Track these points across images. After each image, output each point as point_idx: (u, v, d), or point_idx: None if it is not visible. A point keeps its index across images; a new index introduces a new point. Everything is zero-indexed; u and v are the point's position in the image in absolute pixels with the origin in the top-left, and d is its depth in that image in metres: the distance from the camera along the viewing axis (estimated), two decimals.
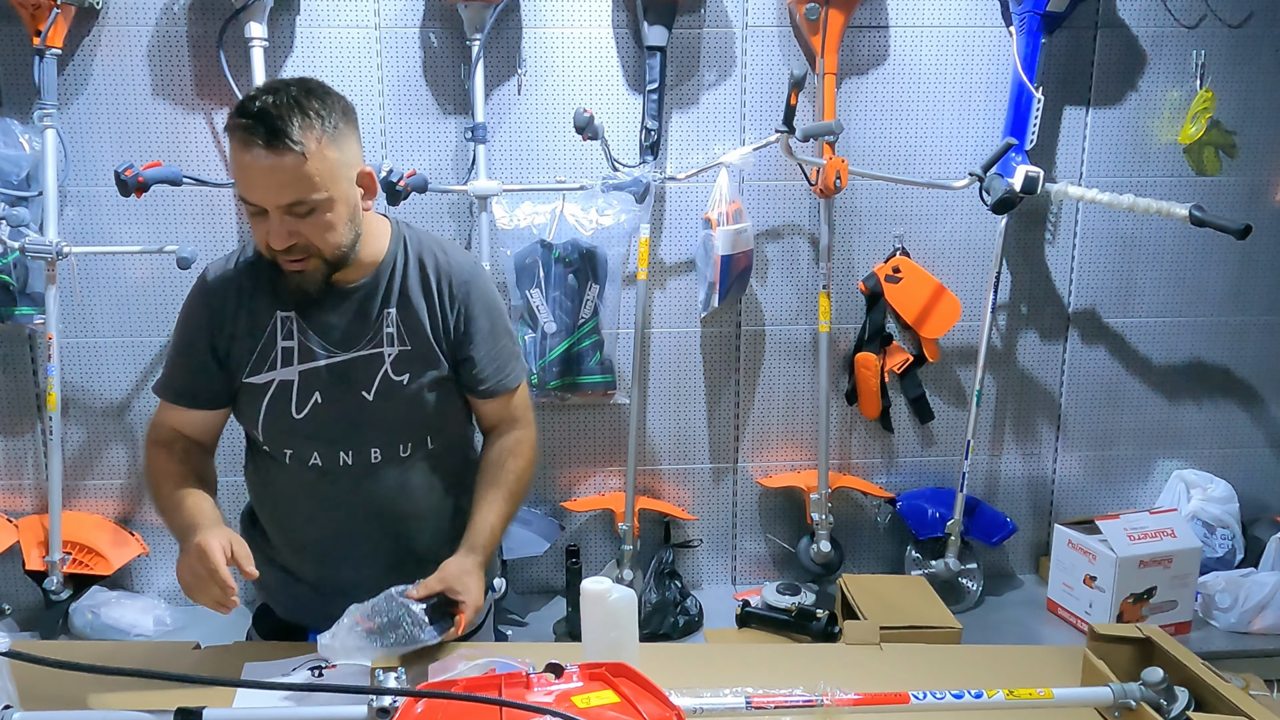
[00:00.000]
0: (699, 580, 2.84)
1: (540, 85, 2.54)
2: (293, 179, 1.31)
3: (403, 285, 1.48)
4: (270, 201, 1.33)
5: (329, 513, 1.50)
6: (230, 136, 1.33)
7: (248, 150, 1.30)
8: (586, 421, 2.71)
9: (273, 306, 1.45)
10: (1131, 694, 1.27)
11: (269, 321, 1.45)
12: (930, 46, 2.60)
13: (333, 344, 1.45)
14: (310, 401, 1.45)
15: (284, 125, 1.29)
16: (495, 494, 1.52)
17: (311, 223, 1.35)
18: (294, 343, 1.45)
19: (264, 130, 1.29)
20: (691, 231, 2.62)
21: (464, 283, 1.50)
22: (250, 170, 1.31)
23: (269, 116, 1.29)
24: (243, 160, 1.32)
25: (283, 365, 1.44)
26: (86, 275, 2.50)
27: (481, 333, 1.51)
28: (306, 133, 1.31)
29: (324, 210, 1.35)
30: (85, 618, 2.46)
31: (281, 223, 1.33)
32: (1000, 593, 2.79)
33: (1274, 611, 2.51)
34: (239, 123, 1.31)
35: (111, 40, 2.42)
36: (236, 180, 1.36)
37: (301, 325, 1.45)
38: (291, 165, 1.30)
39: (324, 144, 1.33)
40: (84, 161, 2.46)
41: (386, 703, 1.13)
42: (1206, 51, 2.61)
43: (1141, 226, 2.72)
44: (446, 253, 1.52)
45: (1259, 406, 2.86)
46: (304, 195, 1.32)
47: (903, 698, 1.26)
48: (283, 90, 1.33)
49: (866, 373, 2.68)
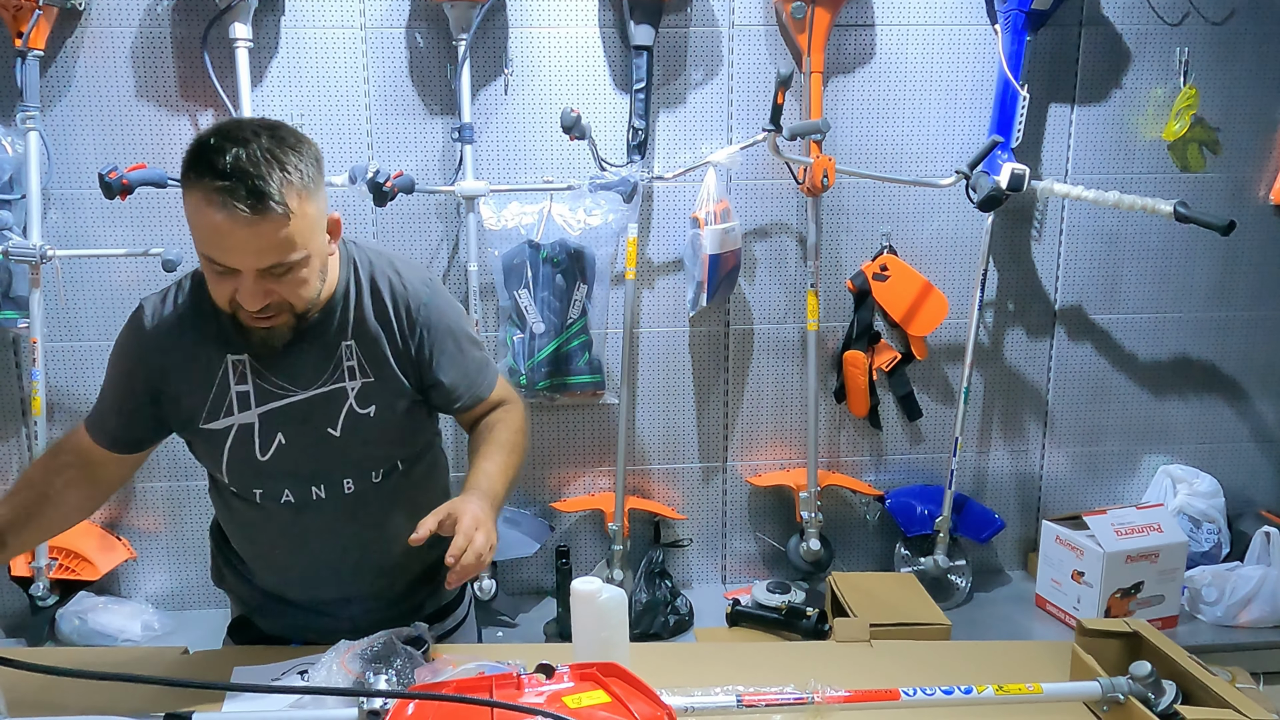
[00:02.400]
0: (689, 579, 2.84)
1: (527, 85, 2.53)
2: (275, 242, 1.21)
3: (358, 314, 1.39)
4: (248, 265, 1.22)
5: (307, 544, 1.46)
6: (196, 192, 1.19)
7: (223, 211, 1.17)
8: (575, 422, 2.70)
9: (222, 350, 1.36)
10: (1120, 688, 1.28)
11: (220, 367, 1.36)
12: (916, 45, 2.60)
13: (291, 383, 1.37)
14: (274, 443, 1.38)
15: (265, 185, 1.18)
16: (488, 448, 1.44)
17: (288, 280, 1.25)
18: (249, 386, 1.36)
19: (245, 192, 1.17)
20: (679, 231, 2.62)
21: (421, 306, 1.41)
22: (225, 233, 1.19)
23: (248, 175, 1.17)
24: (214, 221, 1.18)
25: (240, 410, 1.36)
26: (71, 279, 2.48)
27: (448, 355, 1.44)
28: (288, 191, 1.20)
29: (301, 267, 1.25)
30: (72, 624, 2.44)
31: (256, 284, 1.23)
32: (989, 589, 2.80)
33: (1259, 605, 2.53)
34: (214, 184, 1.17)
35: (94, 41, 2.40)
36: (203, 240, 1.22)
37: (255, 367, 1.36)
38: (275, 229, 1.20)
39: (304, 200, 1.22)
40: (67, 164, 2.44)
41: (377, 705, 1.13)
42: (1190, 49, 2.63)
43: (1126, 223, 2.73)
44: (400, 274, 1.42)
45: (1244, 401, 2.89)
46: (285, 257, 1.22)
47: (893, 694, 1.26)
48: (252, 141, 1.19)
49: (855, 371, 2.69)
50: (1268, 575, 2.54)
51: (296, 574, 1.49)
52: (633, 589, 2.60)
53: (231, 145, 1.19)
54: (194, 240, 1.24)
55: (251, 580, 1.53)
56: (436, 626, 1.57)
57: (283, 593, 1.52)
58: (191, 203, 1.21)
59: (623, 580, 2.60)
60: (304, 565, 1.48)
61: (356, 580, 1.50)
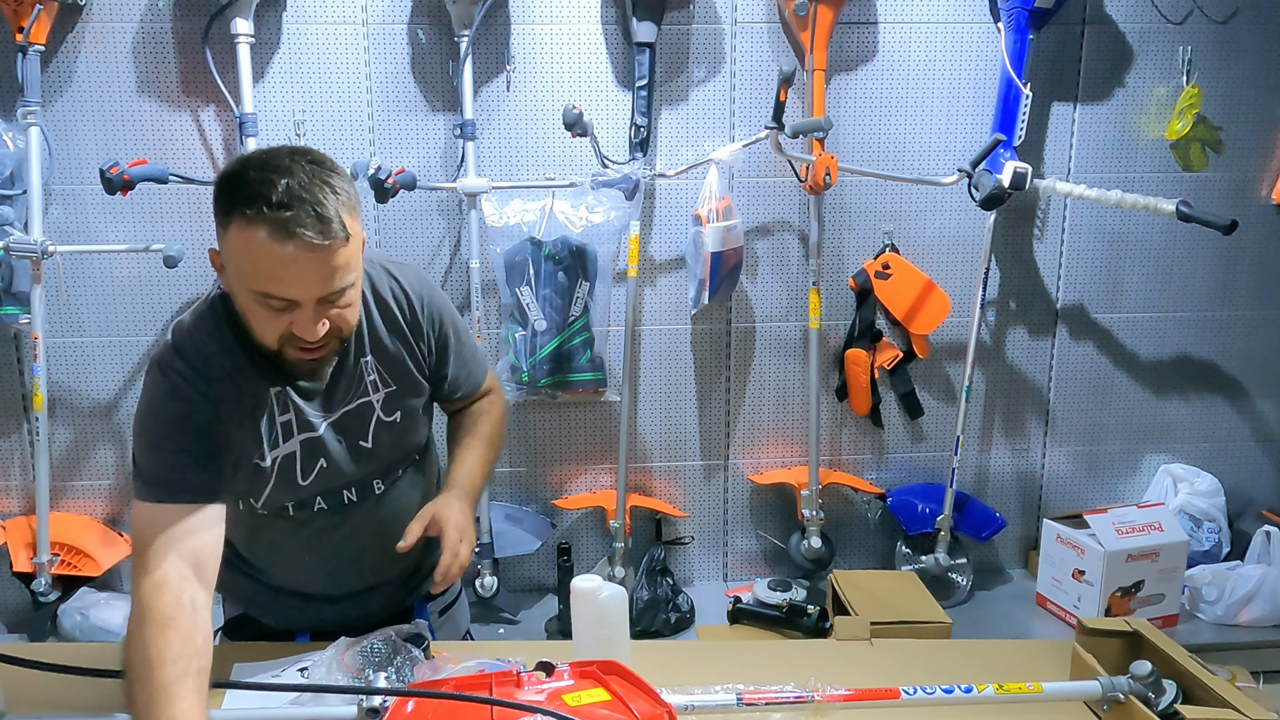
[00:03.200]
0: (690, 577, 2.84)
1: (529, 82, 2.53)
2: (336, 267, 1.18)
3: (371, 328, 1.39)
4: (310, 295, 1.18)
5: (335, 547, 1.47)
6: (250, 227, 1.14)
7: (291, 241, 1.13)
8: (577, 419, 2.70)
9: (264, 383, 1.32)
10: (1120, 687, 1.28)
11: (266, 400, 1.33)
12: (919, 43, 2.60)
13: (324, 409, 1.38)
14: (316, 468, 1.39)
15: (324, 209, 1.15)
16: (470, 440, 1.52)
17: (341, 305, 1.23)
18: (290, 415, 1.35)
19: (310, 218, 1.13)
20: (681, 228, 2.62)
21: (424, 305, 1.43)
22: (289, 264, 1.14)
23: (306, 201, 1.14)
24: (280, 253, 1.14)
25: (285, 440, 1.35)
26: (72, 274, 2.48)
27: (452, 349, 1.49)
28: (344, 212, 1.17)
29: (352, 290, 1.24)
30: (74, 619, 2.44)
31: (315, 313, 1.20)
32: (990, 587, 2.81)
33: (1260, 604, 2.53)
34: (276, 215, 1.12)
35: (95, 37, 2.40)
36: (259, 276, 1.16)
37: (293, 397, 1.35)
38: (336, 253, 1.17)
39: (354, 220, 1.20)
40: (69, 159, 2.44)
41: (376, 703, 1.13)
42: (1193, 47, 2.62)
43: (1129, 222, 2.73)
44: (396, 279, 1.42)
45: (1245, 401, 2.88)
46: (344, 281, 1.20)
47: (893, 693, 1.26)
48: (295, 168, 1.16)
49: (856, 369, 2.69)
50: (1268, 574, 2.54)
51: (316, 573, 1.50)
52: (634, 586, 2.60)
53: (278, 175, 1.15)
54: (244, 279, 1.18)
55: (257, 578, 1.53)
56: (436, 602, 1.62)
57: (293, 588, 1.52)
58: (245, 239, 1.15)
59: (624, 578, 2.61)
60: (329, 564, 1.49)
61: (379, 570, 1.52)
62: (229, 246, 1.18)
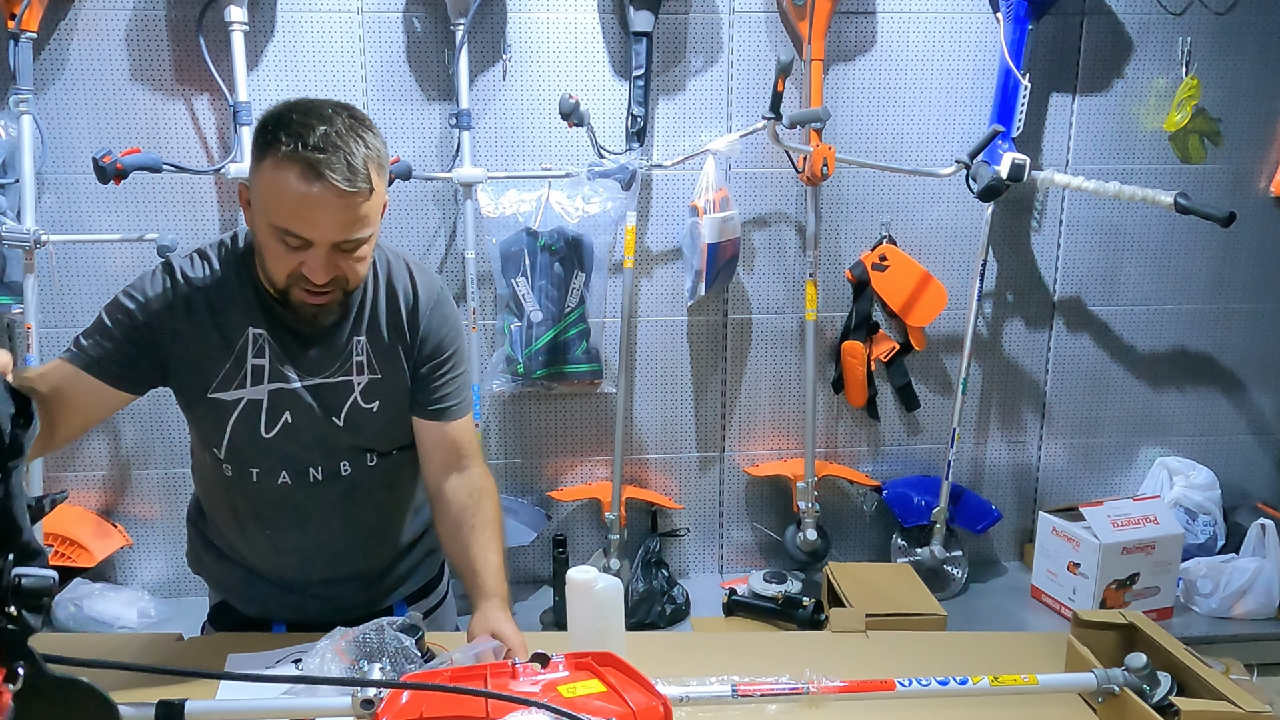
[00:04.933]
0: (686, 569, 2.84)
1: (525, 71, 2.52)
2: (357, 216, 1.25)
3: (373, 312, 1.41)
4: (326, 238, 1.25)
5: (300, 524, 1.47)
6: (285, 164, 1.21)
7: (317, 183, 1.21)
8: (573, 411, 2.70)
9: (245, 321, 1.37)
10: (1115, 679, 1.28)
11: (241, 337, 1.37)
12: (917, 33, 2.59)
13: (302, 369, 1.39)
14: (280, 422, 1.40)
15: (355, 159, 1.22)
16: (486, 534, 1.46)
17: (353, 258, 1.29)
18: (265, 361, 1.37)
19: (343, 165, 1.21)
20: (678, 219, 2.61)
21: (429, 309, 1.45)
22: (314, 204, 1.22)
23: (341, 150, 1.21)
24: (304, 192, 1.21)
25: (253, 384, 1.37)
26: (65, 264, 2.46)
27: (443, 354, 1.46)
28: (372, 167, 1.25)
29: (365, 244, 1.30)
30: (68, 610, 2.44)
31: (328, 258, 1.27)
32: (985, 580, 2.81)
33: (1254, 597, 2.54)
34: (310, 156, 1.20)
35: (88, 24, 2.38)
36: (284, 212, 1.24)
37: (272, 345, 1.38)
38: (359, 202, 1.24)
39: (380, 178, 1.28)
40: (61, 148, 2.42)
41: (371, 693, 1.12)
42: (1192, 39, 2.62)
43: (1127, 214, 2.73)
44: (414, 278, 1.46)
45: (1241, 394, 2.89)
46: (360, 232, 1.27)
47: (889, 685, 1.26)
48: (335, 118, 1.24)
49: (853, 361, 2.69)
50: (1263, 567, 2.55)
51: (287, 555, 1.49)
52: (629, 578, 2.60)
53: (318, 122, 1.23)
54: (268, 213, 1.25)
55: (233, 562, 1.53)
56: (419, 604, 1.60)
57: (268, 574, 1.52)
58: (278, 174, 1.22)
59: (619, 569, 2.60)
60: (295, 545, 1.48)
61: (346, 560, 1.51)
62: (260, 180, 1.25)
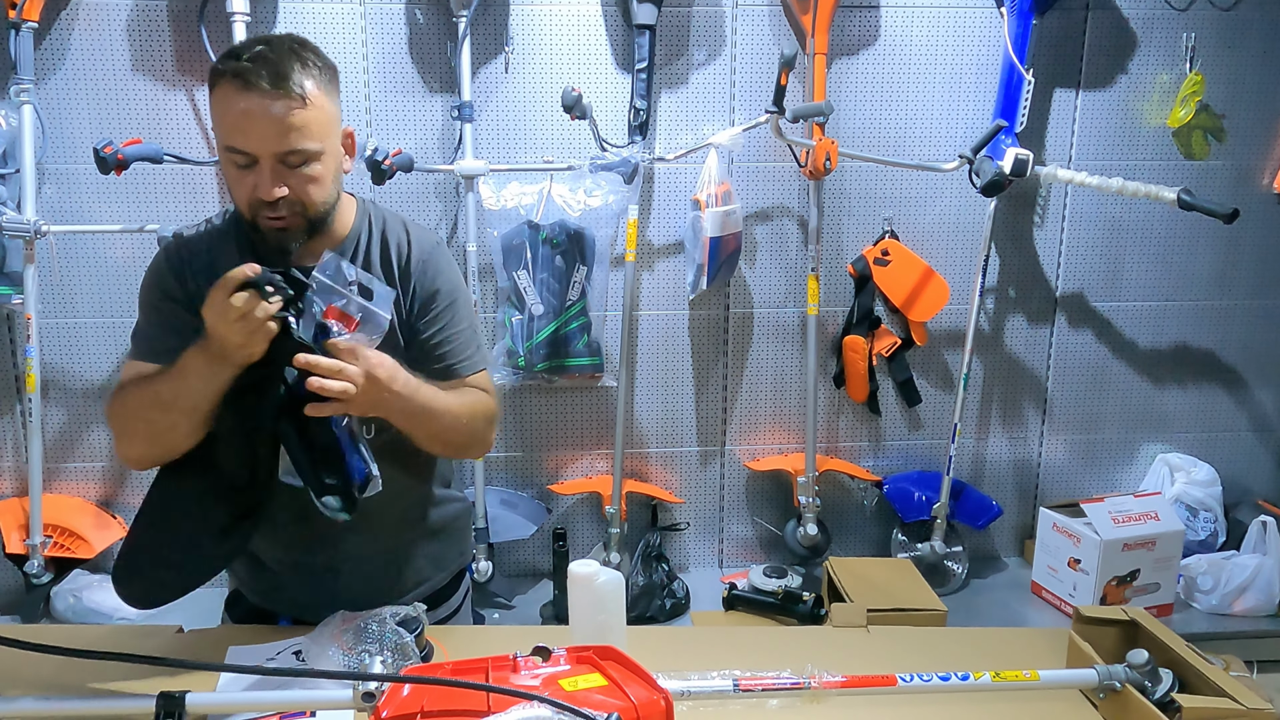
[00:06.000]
0: (686, 563, 2.84)
1: (528, 63, 2.51)
2: (292, 125, 1.28)
3: (365, 262, 1.44)
4: (268, 149, 1.28)
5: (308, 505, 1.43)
6: (221, 81, 1.28)
7: (246, 93, 1.26)
8: (574, 404, 2.69)
9: None
10: (1116, 675, 1.28)
11: None
12: (921, 27, 2.58)
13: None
14: None
15: (286, 68, 1.27)
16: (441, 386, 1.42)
17: (303, 175, 1.32)
18: None
19: (268, 72, 1.26)
20: (680, 213, 2.60)
21: (423, 261, 1.46)
22: (248, 115, 1.27)
23: (269, 60, 1.27)
24: (238, 104, 1.27)
25: None
26: (66, 254, 2.46)
27: (434, 313, 1.45)
28: (307, 79, 1.29)
29: (315, 161, 1.32)
30: (67, 601, 2.44)
31: (274, 172, 1.30)
32: (985, 575, 2.81)
33: (1255, 594, 2.53)
34: (236, 65, 1.27)
35: (90, 14, 2.37)
36: (226, 129, 1.30)
37: None
38: (293, 110, 1.28)
39: (321, 94, 1.32)
40: (62, 138, 2.41)
41: (373, 686, 1.12)
42: (1196, 34, 2.61)
43: (1129, 210, 2.72)
44: (409, 231, 1.48)
45: (1243, 390, 2.88)
46: (301, 143, 1.30)
47: (889, 680, 1.26)
48: (275, 40, 1.31)
49: (854, 356, 2.68)
50: (1263, 564, 2.55)
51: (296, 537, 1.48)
52: (630, 572, 2.60)
53: (259, 43, 1.30)
54: (217, 137, 1.32)
55: None
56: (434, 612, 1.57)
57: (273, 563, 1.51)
58: (217, 93, 1.29)
59: (620, 563, 2.60)
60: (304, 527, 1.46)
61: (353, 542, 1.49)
62: (211, 108, 1.32)
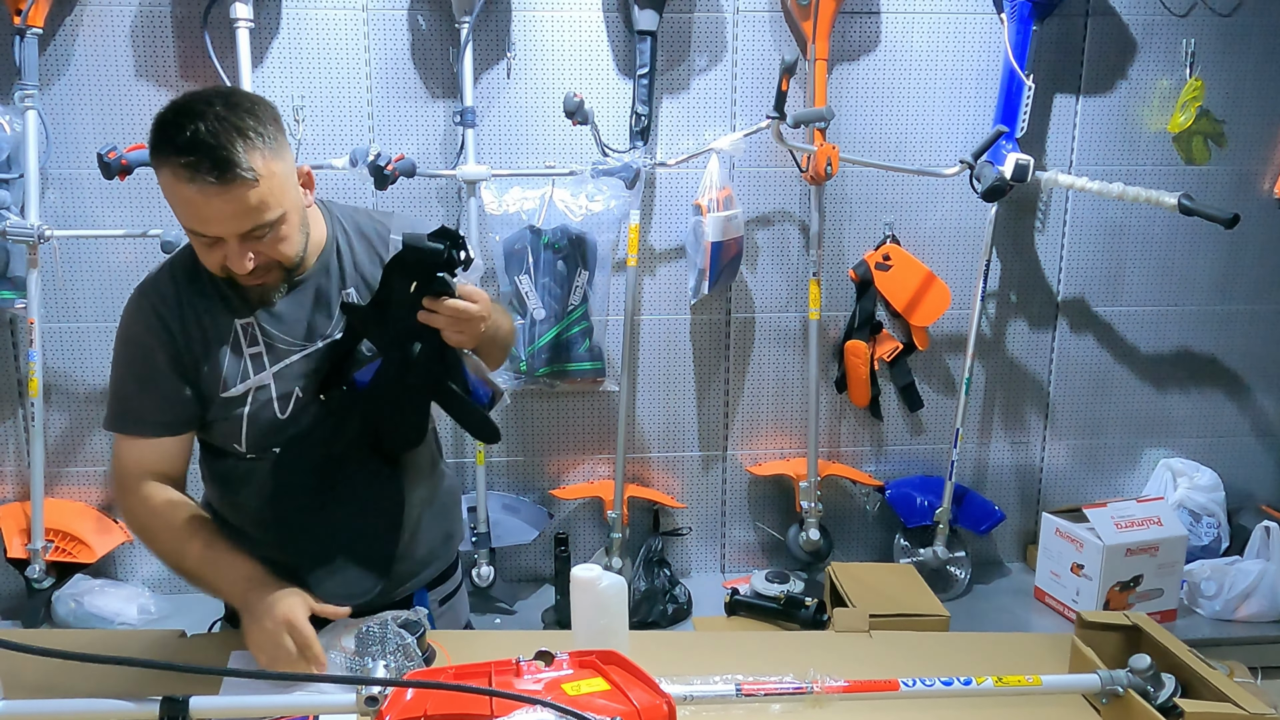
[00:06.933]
0: (688, 568, 2.84)
1: (530, 69, 2.51)
2: (249, 207, 1.25)
3: (353, 262, 1.44)
4: (229, 231, 1.26)
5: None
6: (164, 169, 1.24)
7: (192, 185, 1.22)
8: (575, 409, 2.70)
9: (229, 316, 1.39)
10: (1119, 681, 1.28)
11: (229, 331, 1.39)
12: (921, 33, 2.58)
13: (299, 338, 1.41)
14: (292, 398, 1.41)
15: (229, 154, 1.21)
16: None
17: (270, 241, 1.30)
18: (260, 347, 1.40)
19: (210, 164, 1.21)
20: (682, 218, 2.61)
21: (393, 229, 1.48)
22: (199, 205, 1.24)
23: (210, 147, 1.21)
24: (187, 195, 1.23)
25: (255, 372, 1.39)
26: (69, 259, 2.47)
27: None
28: (252, 156, 1.23)
29: (280, 225, 1.30)
30: (69, 606, 2.44)
31: (240, 248, 1.28)
32: (988, 581, 2.81)
33: (1258, 599, 2.53)
34: (177, 160, 1.21)
35: (93, 20, 2.38)
36: (182, 214, 1.27)
37: (264, 328, 1.40)
38: (246, 194, 1.24)
39: (269, 161, 1.26)
40: (66, 143, 2.42)
41: (376, 690, 1.12)
42: (1196, 40, 2.61)
43: (1130, 215, 2.72)
44: (375, 219, 1.49)
45: (1245, 395, 2.88)
46: (261, 219, 1.27)
47: (892, 685, 1.26)
48: (208, 111, 1.23)
49: (856, 360, 2.68)
50: (1267, 570, 2.54)
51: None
52: (632, 577, 2.59)
53: (188, 120, 1.22)
54: (175, 214, 1.29)
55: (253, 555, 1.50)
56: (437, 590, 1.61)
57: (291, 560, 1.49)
58: (163, 181, 1.26)
59: (621, 568, 2.60)
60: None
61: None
62: (160, 185, 1.28)
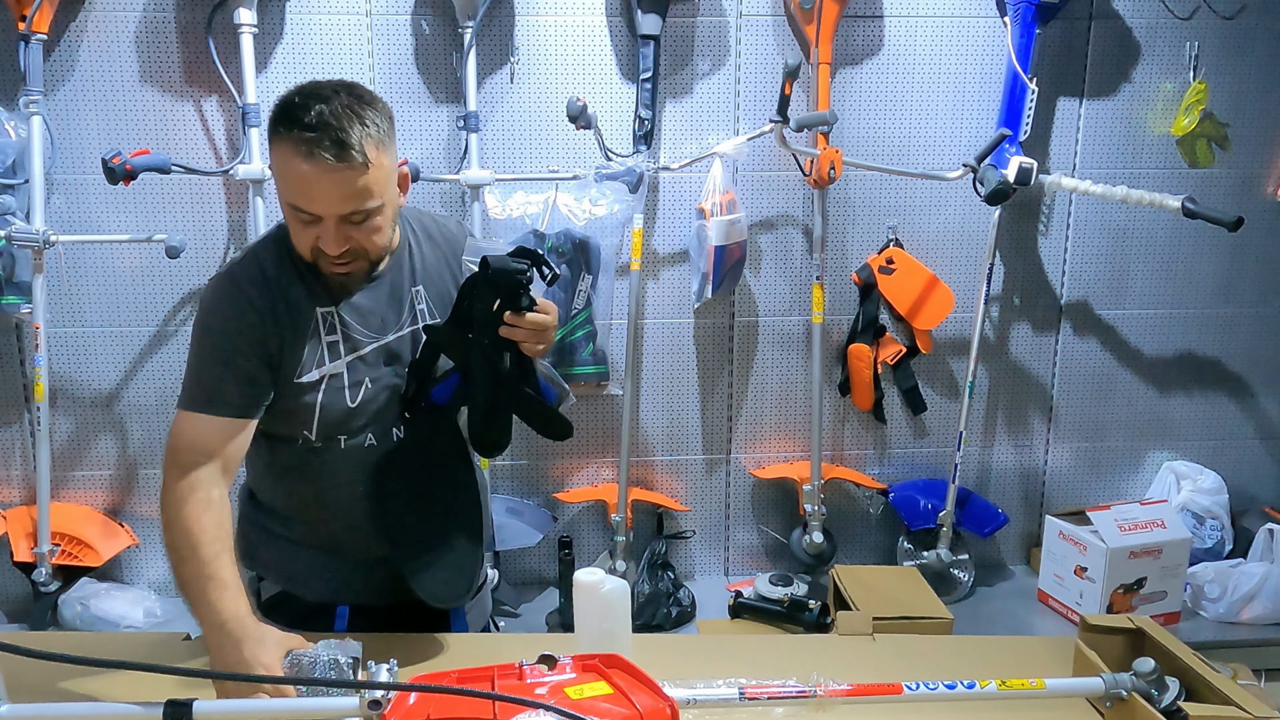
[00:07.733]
0: (692, 571, 2.84)
1: (533, 74, 2.52)
2: (355, 190, 1.32)
3: (423, 263, 1.52)
4: (331, 211, 1.33)
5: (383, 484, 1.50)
6: (283, 144, 1.31)
7: (309, 160, 1.29)
8: (579, 413, 2.70)
9: (311, 304, 1.45)
10: (1123, 684, 1.28)
11: (311, 319, 1.45)
12: (925, 37, 2.59)
13: (373, 330, 1.48)
14: (361, 388, 1.48)
15: (348, 136, 1.30)
16: None
17: (365, 229, 1.37)
18: (337, 336, 1.46)
19: (330, 142, 1.29)
20: (685, 222, 2.61)
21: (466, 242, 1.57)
22: (311, 181, 1.31)
23: (331, 127, 1.29)
24: (301, 170, 1.30)
25: (330, 359, 1.46)
26: (74, 264, 2.47)
27: None
28: (368, 143, 1.32)
29: (376, 215, 1.37)
30: (74, 609, 2.44)
31: (337, 230, 1.35)
32: (992, 583, 2.80)
33: (1262, 602, 2.52)
34: (301, 135, 1.29)
35: (98, 25, 2.39)
36: (288, 188, 1.34)
37: (342, 318, 1.46)
38: (355, 177, 1.32)
39: (380, 153, 1.35)
40: (71, 149, 2.43)
41: (379, 695, 1.12)
42: (1200, 43, 2.61)
43: (1134, 218, 2.72)
44: (438, 222, 1.59)
45: (1249, 398, 2.88)
46: (363, 204, 1.34)
47: (895, 688, 1.26)
48: (333, 97, 1.33)
49: (859, 364, 2.68)
50: (1270, 572, 2.54)
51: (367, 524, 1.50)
52: (635, 580, 2.60)
53: (315, 102, 1.32)
54: (280, 191, 1.36)
55: (300, 547, 1.54)
56: None
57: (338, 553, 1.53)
58: (280, 154, 1.32)
59: (625, 571, 2.60)
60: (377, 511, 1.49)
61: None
62: (273, 160, 1.36)
